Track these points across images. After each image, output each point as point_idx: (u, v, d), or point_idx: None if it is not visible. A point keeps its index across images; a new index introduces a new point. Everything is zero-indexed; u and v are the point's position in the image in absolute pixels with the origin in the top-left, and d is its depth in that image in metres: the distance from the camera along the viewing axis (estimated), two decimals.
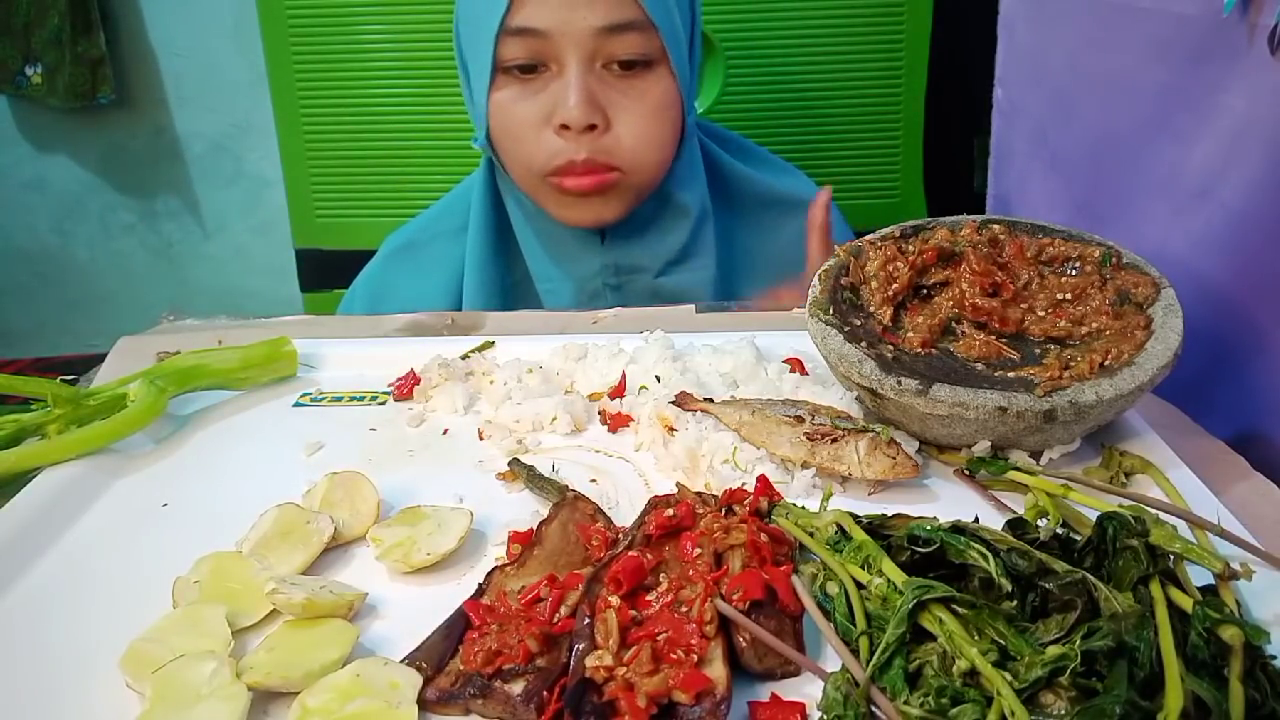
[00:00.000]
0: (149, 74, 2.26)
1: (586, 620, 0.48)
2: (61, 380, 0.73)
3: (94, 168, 2.39)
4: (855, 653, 0.46)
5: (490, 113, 0.98)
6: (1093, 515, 0.53)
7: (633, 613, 0.48)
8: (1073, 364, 0.65)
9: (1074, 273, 0.73)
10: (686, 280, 1.06)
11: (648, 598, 0.50)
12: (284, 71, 1.60)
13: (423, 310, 0.97)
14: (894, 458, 0.63)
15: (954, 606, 0.46)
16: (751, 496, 0.59)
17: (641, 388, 0.76)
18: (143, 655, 0.48)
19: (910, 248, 0.75)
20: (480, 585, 0.53)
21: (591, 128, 0.93)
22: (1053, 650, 0.43)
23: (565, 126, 0.93)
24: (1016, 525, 0.53)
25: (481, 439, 0.72)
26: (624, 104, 0.95)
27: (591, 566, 0.53)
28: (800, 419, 0.66)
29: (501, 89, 0.97)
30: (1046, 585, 0.47)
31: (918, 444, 0.67)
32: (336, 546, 0.59)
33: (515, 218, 1.07)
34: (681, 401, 0.72)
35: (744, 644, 0.47)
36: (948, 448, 0.67)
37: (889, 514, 0.55)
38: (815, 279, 0.74)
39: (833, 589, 0.51)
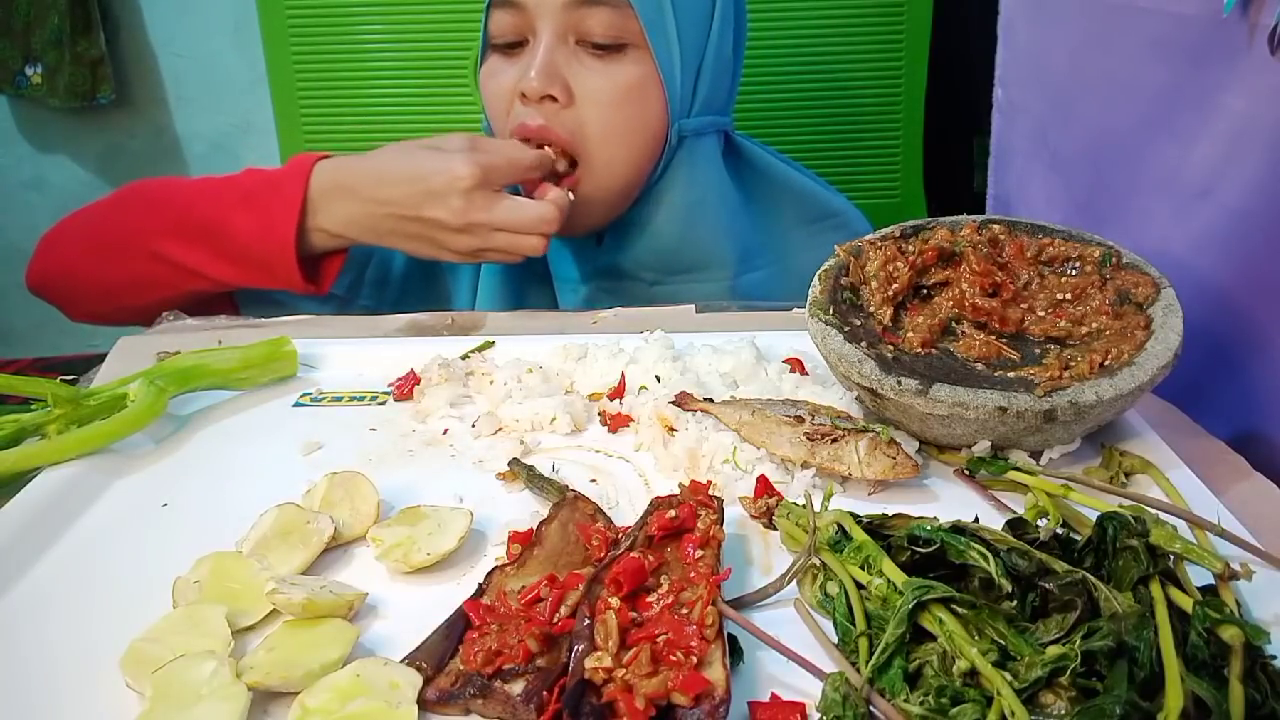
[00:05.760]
0: (149, 74, 2.26)
1: (586, 621, 0.48)
2: (61, 380, 0.73)
3: (94, 168, 2.38)
4: (854, 657, 0.46)
5: (480, 86, 0.99)
6: (1093, 515, 0.53)
7: (633, 614, 0.48)
8: (1073, 364, 0.65)
9: (1074, 273, 0.73)
10: (692, 292, 1.01)
11: (648, 599, 0.50)
12: (284, 71, 1.60)
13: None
14: (894, 458, 0.63)
15: (954, 606, 0.46)
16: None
17: (641, 388, 0.76)
18: (143, 655, 0.48)
19: (910, 248, 0.75)
20: (480, 585, 0.53)
21: (551, 100, 0.92)
22: (1053, 650, 0.43)
23: (524, 95, 0.93)
24: (1016, 525, 0.53)
25: (481, 439, 0.72)
26: (591, 83, 0.92)
27: (592, 566, 0.53)
28: (800, 419, 0.66)
29: (488, 62, 0.98)
30: (1046, 585, 0.47)
31: (918, 444, 0.67)
32: (336, 546, 0.59)
33: None
34: (681, 401, 0.72)
35: None
36: (948, 448, 0.67)
37: (889, 514, 0.55)
38: (815, 279, 0.74)
39: (833, 589, 0.51)
